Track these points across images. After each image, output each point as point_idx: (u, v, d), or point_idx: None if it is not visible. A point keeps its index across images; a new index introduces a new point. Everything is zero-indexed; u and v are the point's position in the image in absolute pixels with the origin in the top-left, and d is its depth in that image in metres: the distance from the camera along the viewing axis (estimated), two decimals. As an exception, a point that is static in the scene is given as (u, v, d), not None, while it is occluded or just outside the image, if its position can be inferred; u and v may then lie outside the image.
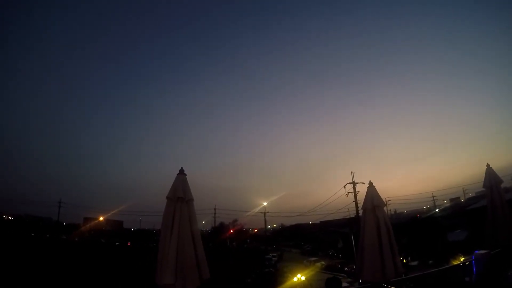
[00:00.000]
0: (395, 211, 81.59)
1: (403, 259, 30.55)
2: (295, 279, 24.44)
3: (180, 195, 5.94)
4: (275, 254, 58.89)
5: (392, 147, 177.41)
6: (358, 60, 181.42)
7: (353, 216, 47.79)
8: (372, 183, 7.58)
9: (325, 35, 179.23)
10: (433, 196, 72.68)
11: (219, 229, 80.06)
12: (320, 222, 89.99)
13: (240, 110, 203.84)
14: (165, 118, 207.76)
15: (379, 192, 7.46)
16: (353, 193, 45.00)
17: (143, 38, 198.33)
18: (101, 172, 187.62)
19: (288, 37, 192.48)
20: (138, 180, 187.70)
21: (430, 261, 30.87)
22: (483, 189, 8.91)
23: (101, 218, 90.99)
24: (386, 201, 60.65)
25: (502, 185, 8.72)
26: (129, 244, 69.00)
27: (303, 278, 25.09)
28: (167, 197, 6.00)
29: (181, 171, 6.35)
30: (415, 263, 33.11)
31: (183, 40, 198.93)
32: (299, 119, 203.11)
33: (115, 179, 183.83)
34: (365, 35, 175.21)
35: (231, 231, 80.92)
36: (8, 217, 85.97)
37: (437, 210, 67.63)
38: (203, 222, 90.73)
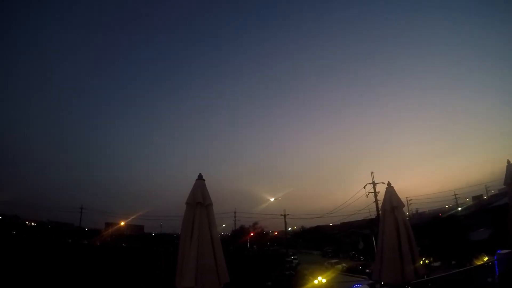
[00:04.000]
0: (417, 211, 79.99)
1: (425, 260, 30.02)
2: (316, 281, 24.33)
3: (199, 200, 6.01)
4: (295, 257, 58.58)
5: (411, 145, 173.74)
6: (374, 59, 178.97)
7: (374, 216, 47.28)
8: (390, 184, 7.52)
9: (342, 33, 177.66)
10: (455, 195, 71.18)
11: (240, 232, 79.95)
12: (341, 223, 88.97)
13: (258, 113, 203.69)
14: (185, 124, 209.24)
15: (399, 192, 7.39)
16: (373, 193, 44.66)
17: (164, 46, 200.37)
18: (122, 177, 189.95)
19: (301, 37, 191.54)
20: (159, 185, 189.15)
21: (453, 262, 30.24)
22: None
23: (122, 223, 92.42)
24: (407, 201, 59.87)
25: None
26: (149, 248, 69.82)
27: (324, 280, 24.96)
28: (186, 203, 6.08)
29: (200, 177, 6.44)
30: (437, 264, 32.45)
31: (202, 48, 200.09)
32: (316, 121, 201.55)
33: (136, 184, 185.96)
34: (382, 34, 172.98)
35: (252, 234, 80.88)
36: (31, 223, 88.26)
37: (459, 208, 66.15)
38: (224, 225, 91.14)
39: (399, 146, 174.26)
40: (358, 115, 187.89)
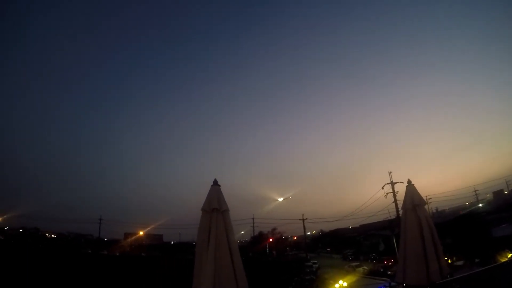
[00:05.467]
0: (437, 209, 78.50)
1: (447, 259, 29.38)
2: (337, 285, 23.94)
3: (215, 206, 5.95)
4: (315, 261, 58.05)
5: (427, 142, 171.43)
6: (387, 56, 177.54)
7: (394, 217, 46.59)
8: (410, 181, 7.32)
9: (355, 31, 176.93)
10: (475, 191, 69.76)
11: (258, 238, 79.94)
12: (360, 225, 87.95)
13: (273, 117, 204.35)
14: (199, 130, 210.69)
15: (418, 190, 7.19)
16: (392, 193, 44.03)
17: (177, 52, 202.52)
18: (139, 187, 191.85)
19: (315, 37, 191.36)
20: (176, 193, 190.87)
21: (476, 260, 29.54)
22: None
23: (141, 233, 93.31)
24: (427, 199, 58.77)
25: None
26: (167, 256, 70.33)
27: (345, 284, 24.58)
28: (202, 209, 6.03)
29: (215, 182, 6.40)
30: (460, 262, 31.75)
31: (214, 52, 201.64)
32: (331, 123, 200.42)
33: (153, 194, 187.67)
34: (396, 30, 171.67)
35: (271, 239, 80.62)
36: (51, 235, 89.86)
37: (480, 205, 64.74)
38: (242, 232, 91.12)
39: (415, 144, 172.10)
40: (373, 115, 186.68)
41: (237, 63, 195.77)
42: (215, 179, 6.42)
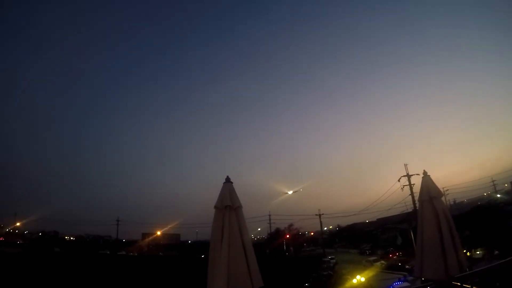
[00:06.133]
0: (454, 201, 77.22)
1: (466, 252, 28.94)
2: (354, 280, 23.82)
3: (227, 203, 5.91)
4: (333, 257, 57.85)
5: (443, 133, 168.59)
6: (401, 49, 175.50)
7: (411, 210, 46.05)
8: (426, 173, 7.15)
9: (372, 26, 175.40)
10: (493, 181, 68.50)
11: (275, 235, 79.99)
12: (377, 219, 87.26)
13: (288, 113, 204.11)
14: (216, 129, 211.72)
15: (435, 182, 7.01)
16: (408, 186, 43.52)
17: (190, 51, 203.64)
18: (155, 187, 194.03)
19: (330, 33, 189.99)
20: (193, 192, 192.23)
21: (496, 252, 29.04)
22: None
23: (159, 233, 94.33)
24: (444, 191, 57.85)
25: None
26: (183, 256, 71.19)
27: (362, 279, 24.42)
28: (215, 207, 6.00)
29: (227, 180, 6.37)
30: (479, 255, 31.26)
31: (228, 49, 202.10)
32: (347, 117, 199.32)
33: (170, 193, 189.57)
34: (408, 19, 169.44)
35: (287, 236, 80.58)
36: (69, 238, 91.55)
37: (498, 195, 63.47)
38: (259, 229, 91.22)
39: (431, 135, 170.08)
40: (388, 107, 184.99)
41: (250, 60, 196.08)
42: (227, 176, 6.39)
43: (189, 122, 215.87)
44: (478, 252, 31.86)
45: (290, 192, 68.53)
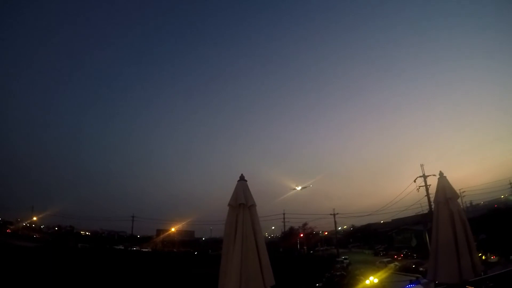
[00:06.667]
0: (471, 203, 75.76)
1: (481, 256, 28.36)
2: (367, 281, 23.61)
3: (241, 201, 5.94)
4: (346, 257, 57.49)
5: (460, 134, 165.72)
6: (417, 49, 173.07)
7: (427, 211, 45.43)
8: (442, 173, 7.06)
9: (384, 27, 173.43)
10: (510, 183, 66.86)
11: (289, 234, 79.98)
12: (392, 220, 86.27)
13: (304, 112, 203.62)
14: (232, 128, 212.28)
15: (451, 183, 6.91)
16: (424, 187, 42.96)
17: (206, 52, 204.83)
18: (170, 184, 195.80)
19: (345, 33, 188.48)
20: (208, 189, 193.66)
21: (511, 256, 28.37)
22: None
23: (173, 229, 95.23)
24: (460, 193, 56.90)
25: None
26: (196, 252, 71.95)
27: (376, 280, 24.21)
28: (229, 205, 6.04)
29: (241, 178, 6.39)
30: (495, 259, 30.59)
31: (242, 50, 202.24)
32: (361, 117, 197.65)
33: (185, 191, 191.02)
34: (425, 25, 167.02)
35: (301, 235, 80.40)
36: (85, 233, 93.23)
37: (515, 198, 62.04)
38: (273, 227, 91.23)
39: (448, 136, 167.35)
40: (405, 107, 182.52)
41: (269, 60, 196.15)
42: (242, 175, 6.41)
43: (205, 121, 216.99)
44: (493, 257, 31.18)
45: (299, 188, 67.64)
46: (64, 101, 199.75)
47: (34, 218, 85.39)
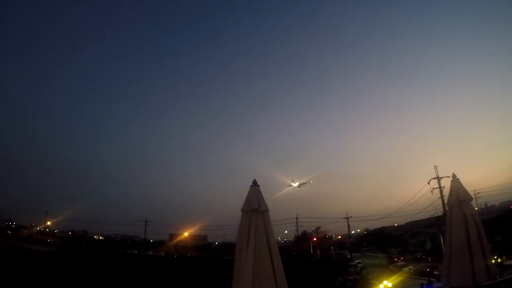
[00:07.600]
0: (486, 205, 74.24)
1: (496, 258, 27.86)
2: (381, 286, 23.40)
3: (254, 206, 6.00)
4: (360, 261, 56.92)
5: (474, 134, 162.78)
6: (430, 50, 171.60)
7: (441, 214, 44.80)
8: (455, 176, 7.03)
9: (399, 27, 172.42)
10: (526, 184, 65.48)
11: (302, 238, 79.55)
12: (406, 223, 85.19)
13: (316, 114, 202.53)
14: (244, 132, 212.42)
15: (466, 185, 6.88)
16: (438, 189, 42.39)
17: (216, 53, 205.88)
18: (185, 189, 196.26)
19: (355, 32, 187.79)
20: (221, 194, 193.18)
21: None
22: None
23: (186, 234, 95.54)
24: (475, 194, 55.95)
25: None
26: (207, 256, 72.08)
27: (389, 284, 23.98)
28: (242, 210, 6.11)
29: (254, 183, 6.46)
30: (510, 261, 30.02)
31: (251, 49, 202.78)
32: (374, 119, 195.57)
33: (198, 195, 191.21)
34: (439, 23, 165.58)
35: (314, 239, 79.92)
36: (99, 237, 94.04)
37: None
38: (286, 232, 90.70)
39: (463, 137, 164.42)
40: (419, 108, 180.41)
41: (281, 61, 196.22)
42: (255, 180, 6.49)
43: (218, 125, 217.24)
44: (509, 259, 30.58)
45: (296, 185, 65.79)
46: (80, 105, 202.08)
47: (48, 223, 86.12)
